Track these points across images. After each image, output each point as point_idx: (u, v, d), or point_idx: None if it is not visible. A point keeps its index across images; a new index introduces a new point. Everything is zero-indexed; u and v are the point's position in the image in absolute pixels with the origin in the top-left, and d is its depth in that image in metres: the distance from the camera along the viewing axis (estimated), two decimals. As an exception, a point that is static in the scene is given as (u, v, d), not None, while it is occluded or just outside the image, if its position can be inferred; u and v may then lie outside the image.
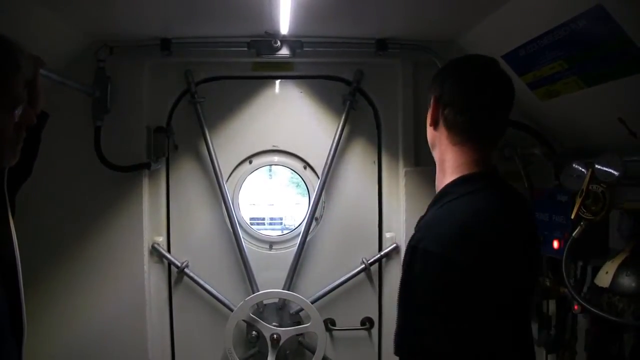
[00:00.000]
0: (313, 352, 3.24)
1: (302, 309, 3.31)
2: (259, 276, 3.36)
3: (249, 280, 3.34)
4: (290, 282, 3.35)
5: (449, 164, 1.83)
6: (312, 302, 3.27)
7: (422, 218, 1.83)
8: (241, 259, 3.35)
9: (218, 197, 3.37)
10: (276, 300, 3.33)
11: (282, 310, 3.34)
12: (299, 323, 3.33)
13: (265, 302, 3.31)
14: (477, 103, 1.79)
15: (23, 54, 1.55)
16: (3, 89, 1.49)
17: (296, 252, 3.35)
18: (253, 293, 3.29)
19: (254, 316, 3.25)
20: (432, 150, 1.92)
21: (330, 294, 3.36)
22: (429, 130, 1.90)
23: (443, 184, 1.82)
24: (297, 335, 3.30)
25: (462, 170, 1.79)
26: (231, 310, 3.26)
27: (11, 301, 1.69)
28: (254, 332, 3.27)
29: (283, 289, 3.32)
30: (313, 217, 3.42)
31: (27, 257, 1.78)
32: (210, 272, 3.40)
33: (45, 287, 3.09)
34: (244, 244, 3.39)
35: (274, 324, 3.26)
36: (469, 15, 2.63)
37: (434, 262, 1.61)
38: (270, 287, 3.30)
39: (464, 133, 1.79)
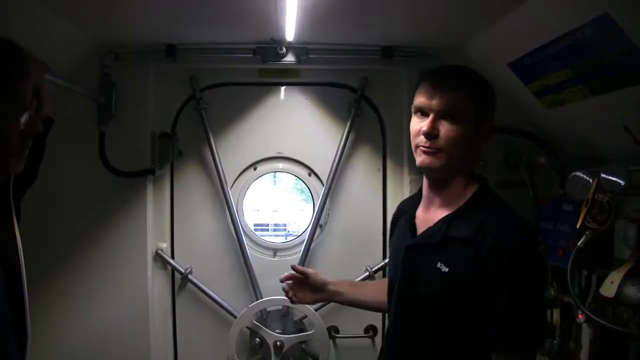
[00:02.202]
0: None
1: (305, 316, 3.30)
2: (262, 283, 3.35)
3: (253, 287, 3.34)
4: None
5: (470, 178, 1.99)
6: (316, 310, 3.26)
7: (449, 220, 1.92)
8: (245, 266, 3.35)
9: (222, 203, 3.37)
10: (280, 307, 3.32)
11: (285, 318, 3.33)
12: (303, 330, 3.31)
13: (268, 309, 3.30)
14: None
15: (31, 60, 1.54)
16: (12, 96, 1.47)
17: (300, 259, 3.34)
18: (257, 300, 3.29)
19: (257, 323, 3.24)
20: (463, 160, 1.93)
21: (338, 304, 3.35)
22: (475, 151, 1.96)
23: (466, 192, 1.96)
24: (300, 342, 3.29)
25: (475, 179, 2.00)
26: (234, 317, 3.25)
27: (15, 306, 1.69)
28: (257, 339, 3.26)
29: None
30: (317, 224, 3.41)
31: (31, 263, 1.77)
32: (214, 278, 3.40)
33: (49, 293, 3.08)
34: (248, 250, 3.39)
35: (277, 331, 3.26)
36: (475, 23, 2.63)
37: (534, 257, 1.88)
38: (274, 294, 3.27)
39: None
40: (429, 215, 2.00)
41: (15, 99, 1.48)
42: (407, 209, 2.13)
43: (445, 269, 1.85)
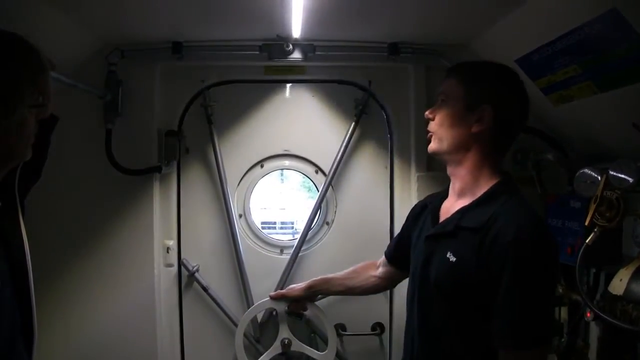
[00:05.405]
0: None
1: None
2: (269, 281, 3.35)
3: (245, 294, 3.35)
4: (283, 288, 3.26)
5: (487, 169, 1.98)
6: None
7: (464, 210, 1.96)
8: (239, 270, 3.36)
9: (227, 203, 3.37)
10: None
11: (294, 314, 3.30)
12: (310, 326, 3.31)
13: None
14: (525, 122, 2.06)
15: (44, 57, 1.62)
16: (32, 88, 1.55)
17: (291, 256, 3.38)
18: (248, 306, 3.27)
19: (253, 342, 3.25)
20: (461, 150, 1.99)
21: (341, 299, 3.32)
22: (464, 132, 1.96)
23: (480, 184, 1.97)
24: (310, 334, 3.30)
25: (498, 174, 1.99)
26: (236, 325, 3.22)
27: (22, 303, 1.70)
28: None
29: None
30: (313, 221, 3.43)
31: (37, 260, 1.78)
32: (220, 277, 3.40)
33: (56, 291, 3.10)
34: (255, 248, 3.43)
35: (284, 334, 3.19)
36: (482, 19, 2.62)
37: (539, 250, 1.77)
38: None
39: (508, 144, 2.03)
40: (450, 207, 2.06)
41: (35, 91, 1.57)
42: (432, 201, 2.21)
43: (453, 259, 1.89)
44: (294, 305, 2.84)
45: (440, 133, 2.02)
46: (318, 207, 3.41)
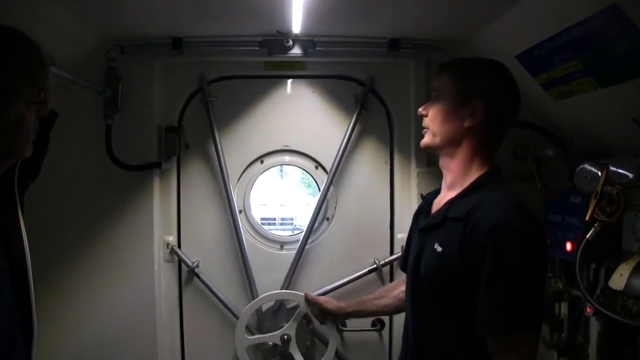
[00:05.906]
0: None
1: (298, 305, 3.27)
2: (269, 276, 3.35)
3: (249, 285, 3.33)
4: (290, 282, 3.32)
5: (477, 162, 2.01)
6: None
7: (452, 201, 2.00)
8: (243, 263, 3.35)
9: (229, 197, 3.36)
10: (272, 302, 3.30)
11: (294, 310, 3.28)
12: (313, 332, 3.30)
13: (263, 307, 3.28)
14: (516, 117, 2.08)
15: (44, 52, 1.62)
16: (32, 84, 1.56)
17: (298, 250, 3.35)
18: (253, 298, 3.26)
19: (254, 334, 3.22)
20: (453, 144, 2.02)
21: (341, 294, 3.32)
22: (457, 127, 2.00)
23: (469, 177, 2.00)
24: (308, 328, 3.27)
25: (488, 165, 2.02)
26: (237, 317, 3.21)
27: (21, 301, 1.69)
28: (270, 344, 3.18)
29: (287, 289, 3.29)
30: (317, 217, 3.41)
31: (36, 257, 1.78)
32: (220, 272, 3.39)
33: (56, 287, 3.10)
34: (255, 244, 3.43)
35: (281, 325, 3.18)
36: (482, 15, 2.61)
37: (520, 236, 1.78)
38: (280, 287, 3.29)
39: (500, 138, 2.06)
40: (441, 200, 2.09)
41: (34, 87, 1.57)
42: (429, 198, 2.24)
43: (439, 249, 1.92)
44: (319, 314, 2.88)
45: (433, 128, 2.06)
46: (321, 203, 3.40)
